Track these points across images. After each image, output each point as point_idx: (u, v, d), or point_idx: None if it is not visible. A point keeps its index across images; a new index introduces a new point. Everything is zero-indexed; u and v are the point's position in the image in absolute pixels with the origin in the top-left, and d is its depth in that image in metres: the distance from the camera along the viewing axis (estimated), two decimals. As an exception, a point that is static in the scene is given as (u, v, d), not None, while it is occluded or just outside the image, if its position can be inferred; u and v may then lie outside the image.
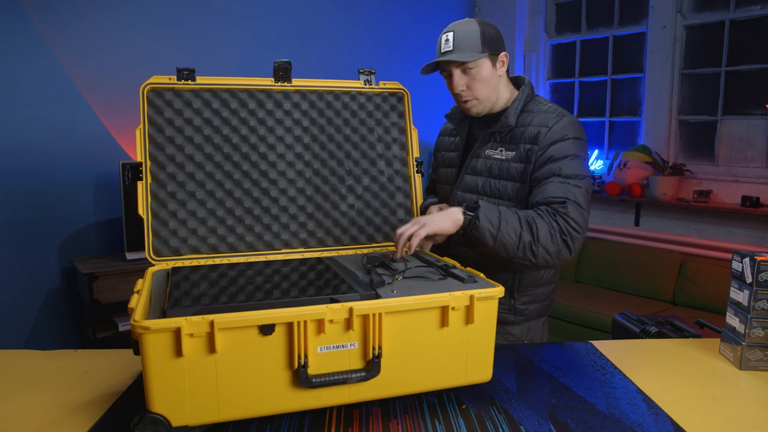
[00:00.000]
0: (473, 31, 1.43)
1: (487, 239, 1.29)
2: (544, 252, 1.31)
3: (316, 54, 3.86)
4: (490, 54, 1.44)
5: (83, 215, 3.23)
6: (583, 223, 1.35)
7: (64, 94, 3.10)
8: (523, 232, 1.30)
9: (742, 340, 1.29)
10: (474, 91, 1.46)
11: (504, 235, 1.29)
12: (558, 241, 1.31)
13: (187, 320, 0.92)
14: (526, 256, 1.31)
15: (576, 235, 1.33)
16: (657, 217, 3.90)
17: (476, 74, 1.44)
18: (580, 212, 1.34)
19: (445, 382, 1.11)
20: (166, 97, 1.38)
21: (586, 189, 1.38)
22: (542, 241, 1.30)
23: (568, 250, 1.33)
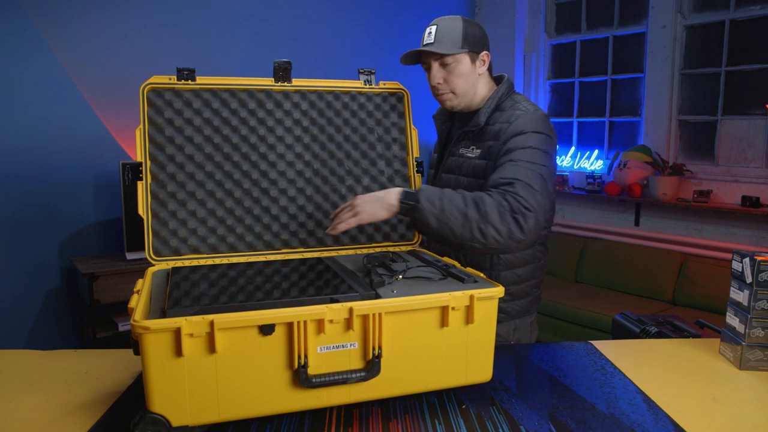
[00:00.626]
0: (456, 27, 1.45)
1: (430, 221, 1.24)
2: (494, 231, 1.24)
3: (316, 54, 3.86)
4: (470, 51, 1.46)
5: (83, 215, 3.23)
6: (535, 203, 1.28)
7: (64, 94, 3.10)
8: (469, 210, 1.24)
9: (742, 340, 1.29)
10: (450, 84, 1.48)
11: (448, 216, 1.23)
12: (509, 220, 1.25)
13: (187, 320, 0.92)
14: (474, 236, 1.25)
15: (528, 214, 1.26)
16: (657, 217, 3.90)
17: (454, 68, 1.46)
18: (530, 192, 1.29)
19: (445, 382, 1.11)
20: (166, 97, 1.38)
21: (542, 175, 1.33)
22: (491, 220, 1.24)
23: (521, 229, 1.26)
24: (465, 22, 1.47)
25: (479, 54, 1.49)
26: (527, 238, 1.28)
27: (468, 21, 1.48)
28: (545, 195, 1.32)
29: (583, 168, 4.35)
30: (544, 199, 1.31)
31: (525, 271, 1.52)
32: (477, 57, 1.49)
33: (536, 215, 1.28)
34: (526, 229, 1.26)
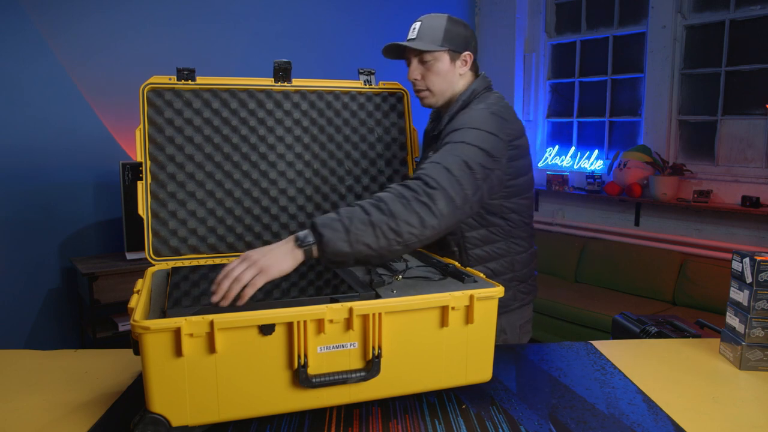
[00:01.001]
0: (439, 25, 1.43)
1: (342, 248, 1.08)
2: (407, 226, 1.12)
3: (316, 54, 3.86)
4: (451, 50, 1.44)
5: (83, 215, 3.23)
6: (445, 181, 1.18)
7: (64, 94, 3.10)
8: (372, 217, 1.10)
9: (742, 340, 1.29)
10: (427, 81, 1.46)
11: (356, 232, 1.08)
12: (415, 207, 1.13)
13: (187, 320, 0.92)
14: (391, 240, 1.11)
15: (434, 192, 1.15)
16: (657, 217, 3.90)
17: (432, 66, 1.44)
18: (440, 172, 1.19)
19: (445, 382, 1.11)
20: (166, 97, 1.38)
21: (467, 163, 1.23)
22: (399, 215, 1.11)
23: (431, 213, 1.14)
24: (450, 20, 1.45)
25: (461, 53, 1.46)
26: (444, 221, 1.16)
27: (454, 20, 1.46)
28: (467, 181, 1.21)
29: (583, 168, 4.35)
30: (467, 184, 1.21)
31: (498, 265, 1.47)
32: (458, 56, 1.46)
33: (445, 193, 1.17)
34: (437, 212, 1.15)
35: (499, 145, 1.32)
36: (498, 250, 1.48)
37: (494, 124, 1.34)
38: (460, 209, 1.20)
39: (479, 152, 1.27)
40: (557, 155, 4.56)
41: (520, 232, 1.49)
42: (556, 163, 4.55)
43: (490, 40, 4.71)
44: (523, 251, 1.51)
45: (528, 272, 1.53)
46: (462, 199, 1.20)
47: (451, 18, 1.46)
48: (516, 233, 1.48)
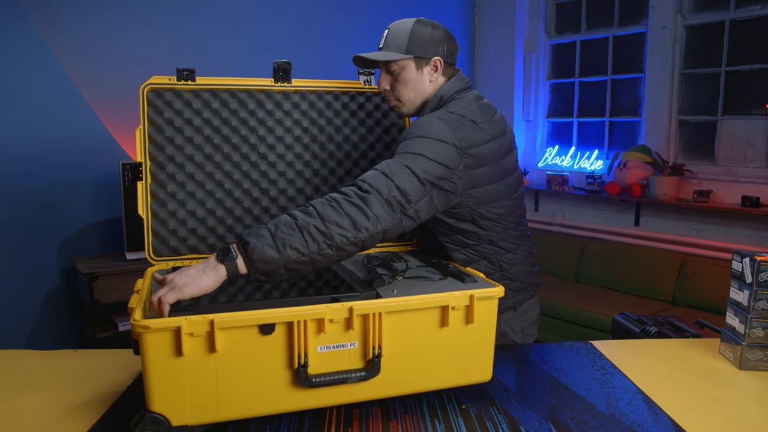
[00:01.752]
0: (404, 31, 1.37)
1: (269, 254, 1.03)
2: (338, 228, 1.07)
3: (316, 54, 3.86)
4: (416, 56, 1.36)
5: (83, 215, 3.23)
6: (381, 185, 1.14)
7: (64, 94, 3.10)
8: (299, 221, 1.07)
9: (742, 340, 1.29)
10: (396, 92, 1.40)
11: (283, 237, 1.04)
12: (346, 209, 1.10)
13: (187, 320, 0.92)
14: (321, 243, 1.06)
15: (367, 196, 1.12)
16: (657, 217, 3.90)
17: (398, 75, 1.38)
18: (377, 176, 1.16)
19: (445, 382, 1.11)
20: (165, 97, 1.38)
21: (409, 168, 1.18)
22: (328, 218, 1.07)
23: (364, 215, 1.10)
24: (417, 24, 1.37)
25: (429, 59, 1.37)
26: (381, 223, 1.12)
27: (422, 23, 1.38)
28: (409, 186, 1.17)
29: (583, 168, 4.35)
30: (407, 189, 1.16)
31: (482, 267, 1.41)
32: (426, 62, 1.37)
33: (379, 197, 1.13)
34: (371, 214, 1.10)
35: (448, 152, 1.24)
36: (476, 253, 1.41)
37: (443, 131, 1.26)
38: (397, 212, 1.15)
39: (424, 160, 1.21)
40: (557, 155, 4.56)
41: (501, 235, 1.41)
42: (556, 163, 4.55)
43: (490, 40, 4.71)
44: (507, 252, 1.42)
45: (519, 271, 1.45)
46: (399, 203, 1.15)
47: (420, 21, 1.38)
48: (496, 237, 1.40)
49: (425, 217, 1.23)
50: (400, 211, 1.16)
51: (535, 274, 1.51)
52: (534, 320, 1.54)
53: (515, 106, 4.66)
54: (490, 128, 1.34)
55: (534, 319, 1.54)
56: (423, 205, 1.20)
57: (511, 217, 1.41)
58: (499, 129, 1.37)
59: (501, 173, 1.36)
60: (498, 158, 1.35)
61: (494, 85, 4.73)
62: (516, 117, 4.69)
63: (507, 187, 1.38)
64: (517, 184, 1.43)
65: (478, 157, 1.29)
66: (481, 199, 1.33)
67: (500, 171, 1.35)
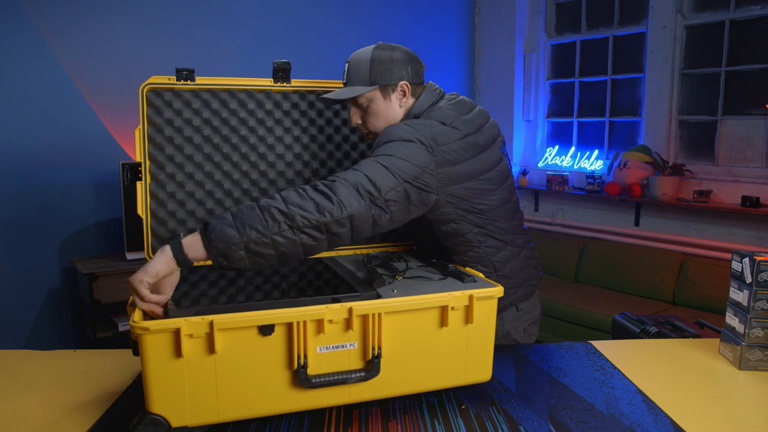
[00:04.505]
0: (364, 62, 1.35)
1: (230, 233, 1.03)
2: (299, 209, 1.07)
3: (316, 54, 3.86)
4: (381, 86, 1.34)
5: (83, 215, 3.23)
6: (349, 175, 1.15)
7: (64, 94, 3.10)
8: (261, 203, 1.09)
9: (741, 340, 1.29)
10: (368, 125, 1.39)
11: (242, 218, 1.05)
12: (311, 195, 1.10)
13: (187, 321, 0.92)
14: (282, 222, 1.06)
15: (333, 183, 1.13)
16: (657, 217, 3.90)
17: (368, 108, 1.36)
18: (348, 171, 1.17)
19: (444, 382, 1.11)
20: (165, 97, 1.38)
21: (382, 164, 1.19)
22: (290, 201, 1.08)
23: (327, 198, 1.10)
24: (375, 52, 1.35)
25: (395, 85, 1.35)
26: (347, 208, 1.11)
27: (380, 49, 1.36)
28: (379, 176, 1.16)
29: (583, 168, 4.35)
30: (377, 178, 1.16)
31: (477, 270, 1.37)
32: (392, 89, 1.36)
33: (345, 183, 1.13)
34: (335, 199, 1.10)
35: (416, 150, 1.23)
36: (467, 258, 1.39)
37: (407, 131, 1.25)
38: (367, 200, 1.14)
39: (395, 159, 1.21)
40: (557, 155, 4.56)
41: (491, 229, 1.38)
42: (556, 163, 4.55)
43: (490, 40, 4.71)
44: (498, 251, 1.41)
45: (514, 267, 1.43)
46: (368, 191, 1.14)
47: (378, 47, 1.36)
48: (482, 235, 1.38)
49: (400, 213, 1.21)
50: (369, 198, 1.14)
51: (532, 268, 1.49)
52: (535, 319, 1.53)
53: (515, 106, 4.66)
54: (463, 126, 1.32)
55: (535, 319, 1.53)
56: (393, 196, 1.18)
57: (499, 210, 1.39)
58: (474, 125, 1.34)
59: (479, 170, 1.34)
60: (473, 154, 1.32)
61: (494, 85, 4.73)
62: (516, 117, 4.69)
63: (488, 183, 1.35)
64: (502, 179, 1.40)
65: (449, 154, 1.28)
66: (460, 196, 1.32)
67: (478, 168, 1.33)
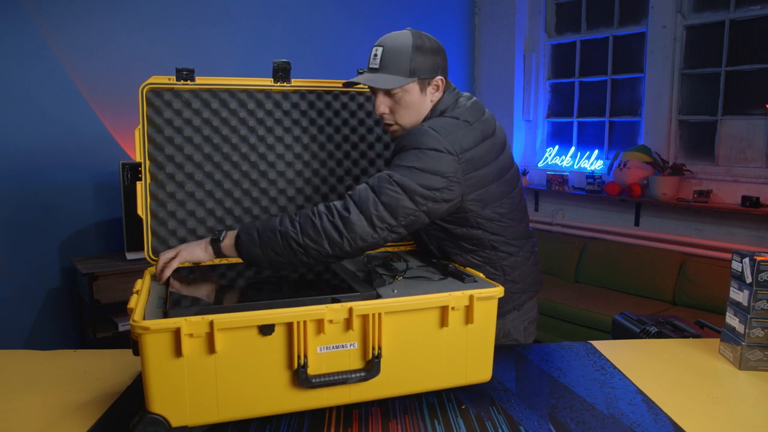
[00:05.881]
0: (404, 50, 1.28)
1: (255, 252, 1.19)
2: (313, 243, 1.16)
3: (316, 54, 3.86)
4: (420, 78, 1.30)
5: (83, 215, 3.23)
6: (367, 205, 1.17)
7: (64, 94, 3.10)
8: (282, 227, 1.17)
9: (741, 340, 1.29)
10: (397, 116, 1.34)
11: (266, 240, 1.17)
12: (325, 227, 1.16)
13: (187, 320, 0.92)
14: (295, 251, 1.17)
15: (348, 217, 1.16)
16: (657, 217, 3.90)
17: (400, 99, 1.31)
18: (367, 194, 1.18)
19: (444, 382, 1.11)
20: (165, 97, 1.38)
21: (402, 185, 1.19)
22: (306, 232, 1.16)
23: (339, 233, 1.16)
24: (416, 41, 1.29)
25: (432, 80, 1.32)
26: (355, 243, 1.17)
27: (419, 40, 1.30)
28: (398, 205, 1.19)
29: (583, 168, 4.35)
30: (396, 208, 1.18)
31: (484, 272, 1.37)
32: (428, 83, 1.32)
33: (360, 217, 1.17)
34: (347, 234, 1.16)
35: (443, 160, 1.22)
36: (479, 258, 1.39)
37: (435, 139, 1.23)
38: (380, 231, 1.19)
39: (419, 173, 1.20)
40: (557, 155, 4.56)
41: (504, 236, 1.39)
42: (556, 163, 4.55)
43: (490, 40, 4.70)
44: (510, 256, 1.41)
45: (522, 273, 1.44)
46: (385, 222, 1.19)
47: (418, 37, 1.30)
48: (498, 239, 1.38)
49: (413, 228, 1.26)
50: (387, 229, 1.20)
51: (537, 273, 1.51)
52: (533, 319, 1.54)
53: (515, 106, 4.66)
54: (482, 127, 1.33)
55: (534, 318, 1.54)
56: (412, 221, 1.23)
57: (514, 213, 1.40)
58: (490, 127, 1.36)
59: (498, 172, 1.35)
60: (494, 157, 1.33)
61: (494, 85, 4.73)
62: (516, 117, 4.69)
63: (506, 185, 1.37)
64: (515, 181, 1.42)
65: (474, 159, 1.28)
66: (482, 201, 1.32)
67: (497, 170, 1.34)
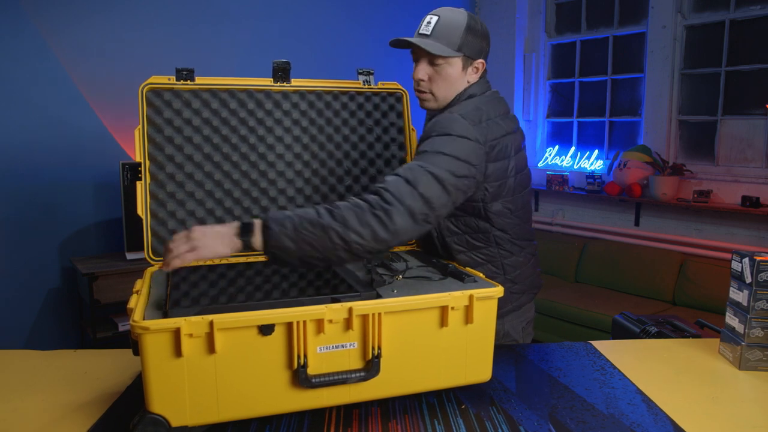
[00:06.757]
0: (458, 24, 1.32)
1: (285, 243, 1.07)
2: (356, 236, 1.09)
3: (316, 54, 3.86)
4: (465, 55, 1.34)
5: (83, 215, 3.23)
6: (405, 195, 1.14)
7: (64, 94, 3.10)
8: (323, 219, 1.09)
9: (741, 340, 1.29)
10: (433, 85, 1.36)
11: (302, 232, 1.07)
12: (369, 219, 1.10)
13: (187, 320, 0.92)
14: (336, 245, 1.09)
15: (390, 209, 1.12)
16: (657, 217, 3.90)
17: (442, 70, 1.34)
18: (400, 185, 1.15)
19: (444, 382, 1.11)
20: (165, 97, 1.38)
21: (433, 174, 1.18)
22: (350, 224, 1.09)
23: (384, 227, 1.11)
24: (470, 20, 1.33)
25: (474, 61, 1.36)
26: (399, 236, 1.13)
27: (473, 20, 1.34)
28: (433, 194, 1.17)
29: (583, 168, 4.35)
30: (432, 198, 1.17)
31: (486, 270, 1.40)
32: (471, 63, 1.36)
33: (402, 209, 1.13)
34: (391, 227, 1.11)
35: (472, 149, 1.25)
36: (482, 256, 1.40)
37: (466, 127, 1.26)
38: (421, 223, 1.16)
39: (448, 159, 1.21)
40: (557, 155, 4.56)
41: (508, 236, 1.41)
42: (556, 163, 4.55)
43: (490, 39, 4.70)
44: (512, 255, 1.43)
45: (523, 273, 1.45)
46: (423, 213, 1.16)
47: (472, 18, 1.35)
48: (502, 238, 1.40)
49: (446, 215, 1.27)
50: (424, 220, 1.17)
51: (537, 276, 1.52)
52: (531, 319, 1.56)
53: (515, 106, 4.66)
54: (505, 124, 1.37)
55: (531, 318, 1.56)
56: (444, 211, 1.22)
57: (521, 212, 1.42)
58: (513, 125, 1.41)
59: (514, 167, 1.38)
60: (513, 153, 1.37)
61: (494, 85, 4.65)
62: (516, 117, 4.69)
63: (518, 184, 1.40)
64: (527, 182, 1.46)
65: (496, 150, 1.32)
66: (493, 193, 1.35)
67: (513, 167, 1.37)
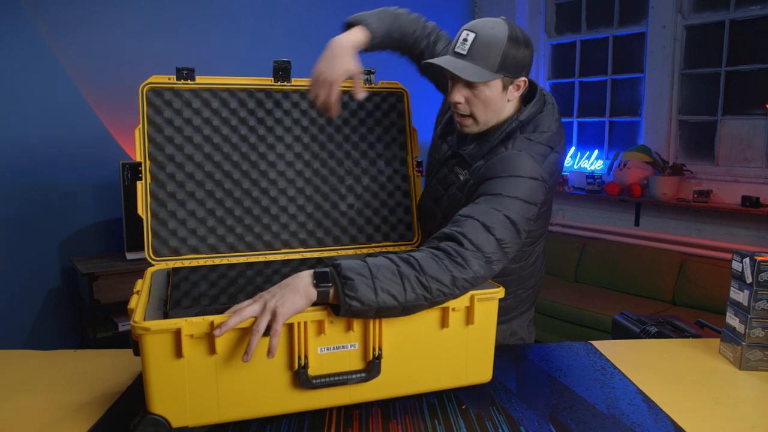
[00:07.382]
0: (498, 42, 1.20)
1: (365, 293, 0.98)
2: (437, 283, 1.03)
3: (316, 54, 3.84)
4: (506, 76, 1.23)
5: (83, 215, 3.23)
6: (483, 241, 1.09)
7: (64, 94, 3.10)
8: (401, 268, 1.03)
9: (742, 340, 1.29)
10: (472, 107, 1.27)
11: (382, 280, 1.00)
12: (448, 265, 1.05)
13: (187, 321, 0.92)
14: (418, 295, 1.02)
15: (467, 253, 1.07)
16: (657, 217, 3.90)
17: (480, 92, 1.24)
18: (477, 229, 1.10)
19: (445, 382, 1.11)
20: (165, 96, 1.38)
21: (509, 218, 1.14)
22: (430, 272, 1.03)
23: (464, 273, 1.06)
24: (511, 37, 1.21)
25: (516, 80, 1.25)
26: (476, 282, 1.08)
27: (514, 36, 1.21)
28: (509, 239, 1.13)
29: (583, 168, 4.35)
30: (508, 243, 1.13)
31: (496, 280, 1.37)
32: (512, 82, 1.25)
33: (480, 255, 1.09)
34: (471, 273, 1.06)
35: (539, 188, 1.21)
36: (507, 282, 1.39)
37: (534, 168, 1.21)
38: (495, 266, 1.12)
39: (521, 204, 1.17)
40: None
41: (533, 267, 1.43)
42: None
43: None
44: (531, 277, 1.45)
45: (533, 282, 1.48)
46: (498, 258, 1.12)
47: (512, 32, 1.21)
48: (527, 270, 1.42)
49: None
50: (499, 262, 1.12)
51: (541, 279, 1.55)
52: (532, 317, 1.58)
53: (515, 106, 4.66)
54: (562, 153, 1.33)
55: (532, 316, 1.58)
56: (514, 252, 1.17)
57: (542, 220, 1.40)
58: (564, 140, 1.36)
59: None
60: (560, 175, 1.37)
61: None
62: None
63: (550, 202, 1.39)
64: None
65: (554, 183, 1.31)
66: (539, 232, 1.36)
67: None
